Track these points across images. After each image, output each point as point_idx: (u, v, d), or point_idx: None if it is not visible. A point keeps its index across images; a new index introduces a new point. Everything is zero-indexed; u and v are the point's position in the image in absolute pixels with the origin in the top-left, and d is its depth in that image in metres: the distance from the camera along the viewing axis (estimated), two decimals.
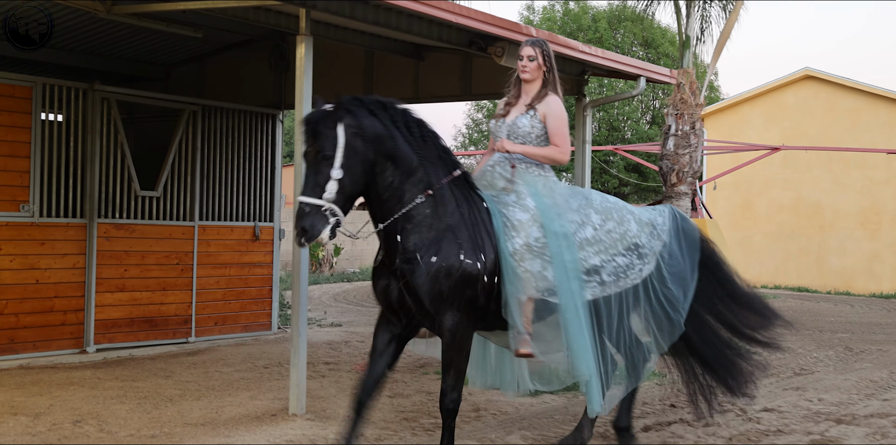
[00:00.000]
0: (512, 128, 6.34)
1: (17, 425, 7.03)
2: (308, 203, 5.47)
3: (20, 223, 9.83)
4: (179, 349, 11.17)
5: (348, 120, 5.59)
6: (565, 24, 38.49)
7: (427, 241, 5.77)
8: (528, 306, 5.95)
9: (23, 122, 9.85)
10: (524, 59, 6.41)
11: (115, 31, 11.63)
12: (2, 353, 9.68)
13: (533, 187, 6.23)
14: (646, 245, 6.53)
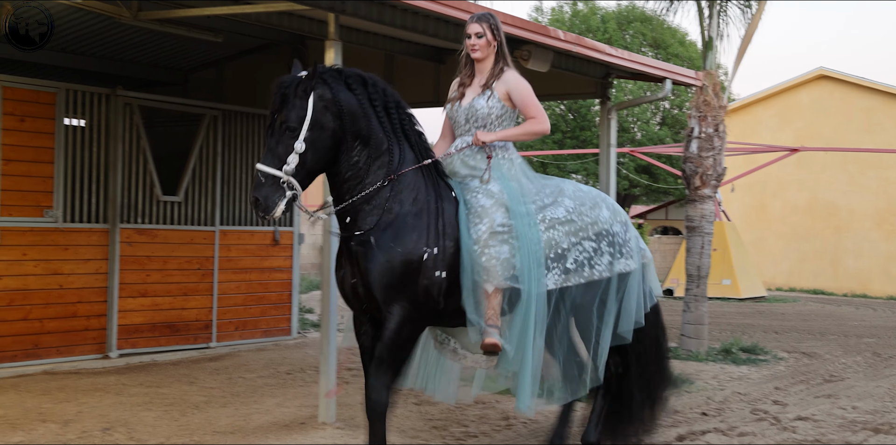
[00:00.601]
0: (470, 111, 5.94)
1: (47, 432, 7.00)
2: (265, 173, 5.21)
3: (44, 229, 9.80)
4: (201, 354, 11.13)
5: (322, 91, 5.31)
6: (574, 25, 38.39)
7: (383, 224, 5.47)
8: (495, 296, 5.57)
9: (47, 127, 9.82)
10: (472, 37, 5.94)
11: (136, 36, 11.59)
12: (26, 358, 9.65)
13: (498, 170, 5.88)
14: (619, 234, 6.11)
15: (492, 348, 5.55)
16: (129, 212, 10.62)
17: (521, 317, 5.62)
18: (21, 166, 9.63)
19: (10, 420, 7.36)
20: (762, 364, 11.59)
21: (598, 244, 5.98)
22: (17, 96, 9.58)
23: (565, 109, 36.77)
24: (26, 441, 6.75)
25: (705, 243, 12.09)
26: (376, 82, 5.57)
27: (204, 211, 11.45)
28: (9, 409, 7.74)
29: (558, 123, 36.98)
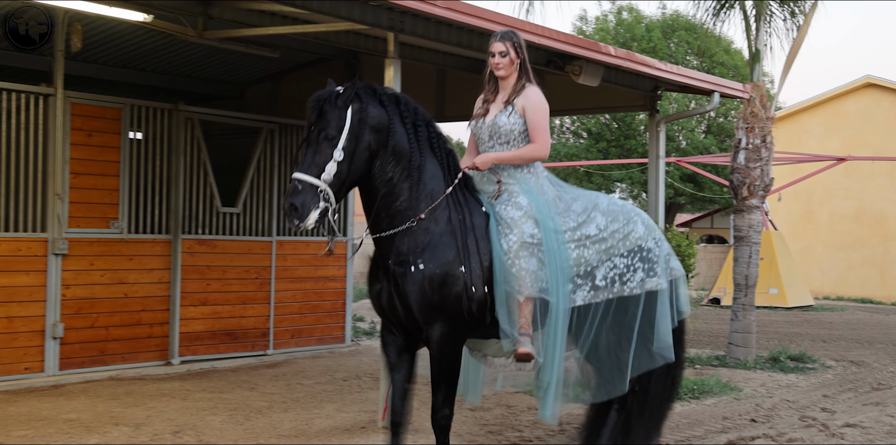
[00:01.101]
0: (493, 128, 5.97)
1: (121, 435, 7.31)
2: (303, 181, 5.29)
3: (110, 240, 10.16)
4: (258, 361, 11.44)
5: (357, 105, 5.44)
6: (619, 34, 38.49)
7: (422, 245, 5.55)
8: (526, 305, 5.66)
9: (113, 142, 10.19)
10: (496, 55, 6.02)
11: (196, 52, 11.97)
12: (93, 364, 10.00)
13: (525, 184, 5.95)
14: (653, 250, 6.11)
15: (525, 357, 5.65)
16: (190, 223, 10.96)
17: (551, 330, 5.74)
18: (88, 180, 9.99)
19: (84, 423, 7.69)
20: (810, 373, 11.70)
21: (630, 261, 6.02)
22: (84, 112, 9.96)
23: (610, 118, 36.85)
24: (102, 442, 7.07)
25: (753, 253, 12.22)
26: (408, 101, 5.72)
27: (261, 222, 11.78)
28: (81, 413, 8.08)
29: (603, 133, 37.09)
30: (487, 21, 7.92)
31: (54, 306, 9.67)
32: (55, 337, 9.66)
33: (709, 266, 30.12)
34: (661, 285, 6.10)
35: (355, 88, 5.47)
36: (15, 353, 9.39)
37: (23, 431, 7.36)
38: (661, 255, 6.18)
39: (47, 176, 9.68)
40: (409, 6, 7.40)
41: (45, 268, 9.63)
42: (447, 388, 5.68)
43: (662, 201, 11.07)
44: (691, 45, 37.87)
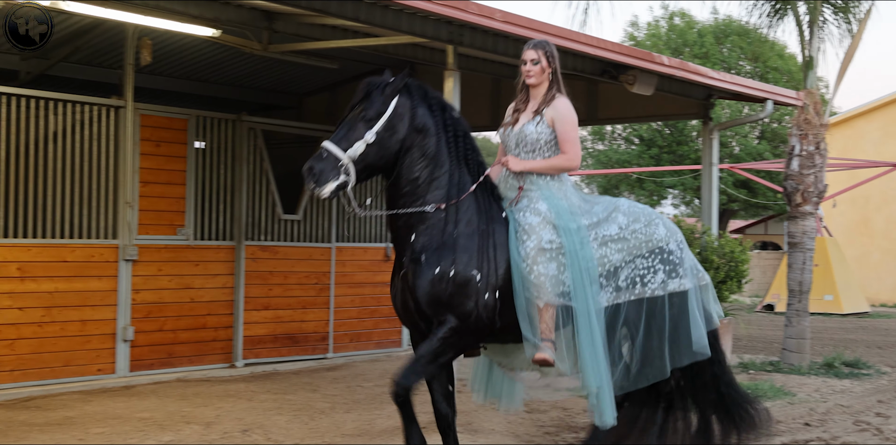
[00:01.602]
0: (520, 136, 6.05)
1: (193, 433, 7.62)
2: (329, 150, 5.41)
3: (177, 246, 10.52)
4: (319, 364, 11.73)
5: (405, 99, 5.57)
6: (671, 40, 38.49)
7: (436, 244, 5.67)
8: (547, 312, 5.72)
9: (179, 151, 10.55)
10: (527, 63, 6.09)
11: (257, 64, 12.33)
12: (161, 367, 10.35)
13: (547, 190, 6.01)
14: (675, 253, 6.17)
15: (543, 363, 5.71)
16: (253, 230, 11.29)
17: (588, 336, 5.76)
18: (157, 188, 10.36)
19: (157, 421, 8.02)
20: (865, 378, 11.75)
21: (651, 262, 6.08)
22: (153, 123, 10.33)
23: (662, 125, 36.84)
24: (175, 440, 7.38)
25: (807, 259, 12.30)
26: (453, 111, 5.85)
27: (321, 229, 12.08)
28: (154, 412, 8.41)
29: (655, 139, 37.09)
30: (543, 34, 8.15)
31: (125, 310, 10.03)
32: (126, 340, 10.01)
33: (762, 273, 30.01)
34: (685, 286, 6.15)
35: (405, 81, 5.60)
36: (88, 355, 9.76)
37: (100, 428, 7.70)
38: (683, 257, 6.23)
39: (118, 185, 10.05)
40: (468, 20, 7.66)
41: (116, 273, 9.99)
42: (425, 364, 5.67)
43: (716, 208, 11.22)
44: (744, 50, 37.75)
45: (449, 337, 5.66)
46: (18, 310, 9.25)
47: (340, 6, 7.41)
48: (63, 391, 9.30)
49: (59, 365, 9.56)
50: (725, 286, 9.84)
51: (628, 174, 36.82)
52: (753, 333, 16.43)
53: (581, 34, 8.49)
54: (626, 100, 11.41)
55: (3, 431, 7.56)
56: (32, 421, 7.92)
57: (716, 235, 10.26)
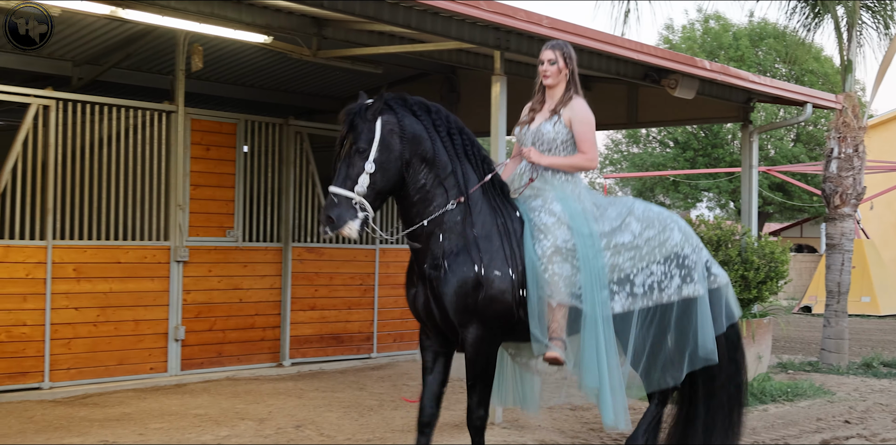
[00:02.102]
0: (536, 135, 6.10)
1: (248, 428, 7.86)
2: (338, 194, 5.40)
3: (226, 248, 10.77)
4: (363, 363, 11.95)
5: (388, 117, 5.54)
6: (706, 43, 38.48)
7: (456, 248, 5.66)
8: (559, 311, 5.75)
9: (228, 155, 10.80)
10: (545, 63, 6.15)
11: (301, 68, 12.58)
12: (211, 365, 10.60)
13: (560, 191, 6.04)
14: (690, 257, 6.18)
15: (553, 361, 5.75)
16: (299, 232, 11.53)
17: (592, 338, 5.79)
18: (207, 191, 10.61)
19: (212, 417, 8.26)
20: None
21: (667, 268, 6.09)
22: (203, 127, 10.59)
23: (697, 128, 36.84)
24: (232, 435, 7.62)
25: (845, 260, 12.40)
26: (440, 109, 5.82)
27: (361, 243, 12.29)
28: (208, 409, 8.66)
29: (690, 142, 37.09)
30: (588, 39, 8.33)
31: (176, 310, 10.29)
32: (177, 339, 10.27)
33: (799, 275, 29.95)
34: (698, 291, 6.16)
35: (384, 100, 5.58)
36: (141, 354, 10.02)
37: (158, 424, 7.95)
38: (698, 261, 6.23)
39: (169, 188, 10.31)
40: (515, 27, 7.84)
41: (167, 274, 10.25)
42: (482, 389, 5.86)
43: (756, 211, 11.35)
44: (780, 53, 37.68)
45: (483, 350, 5.76)
46: (74, 310, 9.52)
47: (392, 13, 7.61)
48: (117, 389, 9.57)
49: (114, 364, 9.82)
50: (766, 287, 9.96)
51: (663, 177, 36.82)
52: (792, 334, 16.51)
53: (625, 40, 8.67)
54: (667, 103, 11.56)
55: (66, 426, 7.83)
56: (92, 417, 8.19)
57: (756, 237, 10.39)
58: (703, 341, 6.15)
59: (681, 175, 35.77)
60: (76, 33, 10.57)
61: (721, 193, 36.98)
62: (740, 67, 35.16)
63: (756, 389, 9.74)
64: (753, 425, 8.54)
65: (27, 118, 9.26)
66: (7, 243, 9.07)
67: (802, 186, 26.70)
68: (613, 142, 41.97)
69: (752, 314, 10.13)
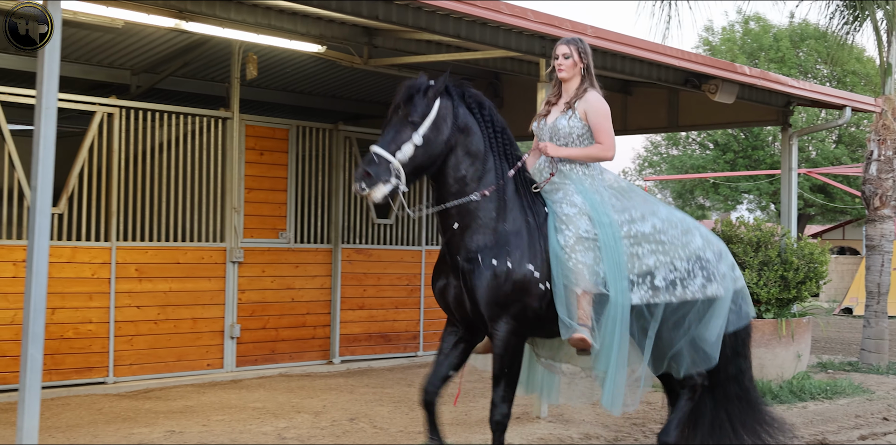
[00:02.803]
0: (553, 129, 6.20)
1: (304, 421, 8.23)
2: (380, 154, 5.45)
3: (279, 249, 11.16)
4: (410, 361, 12.30)
5: (446, 101, 5.67)
6: (745, 45, 38.49)
7: (490, 243, 5.75)
8: (584, 298, 5.81)
9: (281, 160, 11.20)
10: (559, 57, 6.23)
11: (349, 75, 12.95)
12: (265, 362, 11.00)
13: (580, 184, 6.12)
14: (711, 261, 6.35)
15: (580, 343, 5.79)
16: (348, 234, 11.91)
17: (612, 324, 5.89)
18: (260, 194, 11.01)
19: (270, 411, 8.64)
20: None
21: (689, 266, 6.22)
22: (257, 133, 10.98)
23: (737, 130, 36.83)
24: (290, 426, 7.99)
25: (885, 261, 12.58)
26: (491, 107, 5.95)
27: (412, 233, 12.65)
28: (265, 402, 9.04)
29: (730, 143, 37.11)
30: (632, 47, 8.63)
31: (232, 308, 10.69)
32: (232, 337, 10.67)
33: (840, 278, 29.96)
34: (719, 292, 6.34)
35: (445, 84, 5.72)
36: (199, 351, 10.43)
37: (220, 416, 8.34)
38: (719, 266, 6.42)
39: (225, 191, 10.72)
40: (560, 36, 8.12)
41: (223, 274, 10.66)
42: (507, 385, 5.91)
43: (795, 213, 11.58)
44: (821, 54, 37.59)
45: (511, 344, 5.82)
46: (136, 308, 9.95)
47: (443, 24, 7.95)
48: (177, 383, 9.98)
49: (173, 360, 10.23)
50: (805, 287, 10.18)
51: (703, 179, 36.89)
52: (832, 335, 16.68)
53: (667, 47, 8.96)
54: (707, 107, 11.82)
55: (133, 417, 8.24)
56: (157, 410, 8.59)
57: (795, 238, 10.62)
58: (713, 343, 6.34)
59: (721, 177, 35.80)
60: (135, 43, 11.01)
61: (762, 195, 36.97)
62: (781, 68, 35.18)
63: (795, 387, 9.98)
64: (793, 421, 8.77)
65: (93, 125, 9.70)
66: (75, 244, 9.50)
67: (844, 188, 26.73)
68: (653, 144, 42.03)
69: (791, 314, 10.35)
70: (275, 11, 8.44)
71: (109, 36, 10.57)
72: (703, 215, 42.51)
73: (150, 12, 8.21)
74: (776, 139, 35.79)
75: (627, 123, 12.86)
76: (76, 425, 7.87)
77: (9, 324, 9.03)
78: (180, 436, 7.55)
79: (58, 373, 9.30)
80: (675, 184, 40.72)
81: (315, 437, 7.63)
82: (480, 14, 7.62)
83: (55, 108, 5.84)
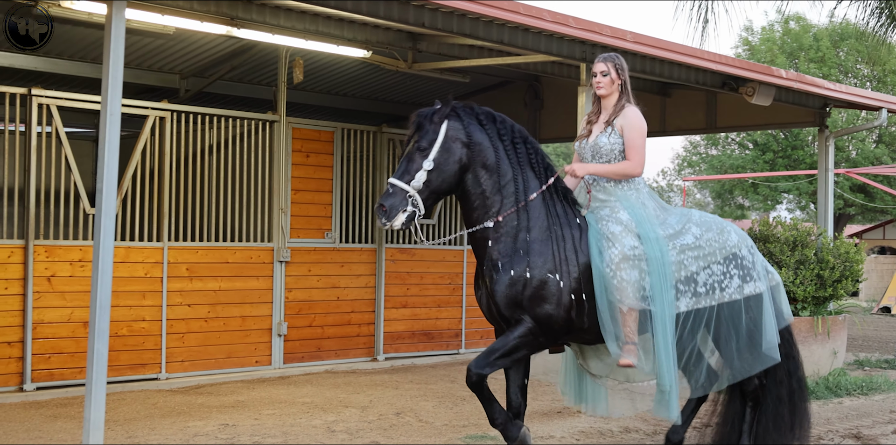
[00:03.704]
0: (595, 148, 6.29)
1: (352, 415, 8.50)
2: (395, 185, 5.73)
3: (324, 249, 11.45)
4: (452, 359, 12.55)
5: (453, 122, 5.86)
6: (785, 44, 38.36)
7: (510, 250, 5.92)
8: (630, 316, 5.96)
9: (327, 161, 11.49)
10: (597, 75, 6.31)
11: (392, 78, 13.22)
12: (311, 359, 11.29)
13: (626, 201, 6.23)
14: (747, 258, 6.48)
15: (627, 366, 6.01)
16: (392, 234, 12.17)
17: (663, 339, 6.03)
18: (307, 195, 11.30)
19: (318, 405, 8.93)
20: None
21: (726, 268, 6.36)
22: (303, 136, 11.28)
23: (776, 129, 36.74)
24: (338, 420, 8.27)
25: None
26: (505, 119, 6.06)
27: (454, 232, 12.90)
28: (313, 398, 9.32)
29: (769, 144, 37.04)
30: (671, 51, 8.83)
31: (279, 307, 10.99)
32: (280, 335, 10.96)
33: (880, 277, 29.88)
34: (760, 288, 6.47)
35: (451, 107, 5.92)
36: (248, 348, 10.74)
37: (271, 410, 8.64)
38: (755, 261, 6.54)
39: (272, 193, 11.02)
40: (601, 41, 8.38)
41: (271, 274, 10.96)
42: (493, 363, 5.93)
43: (832, 213, 11.72)
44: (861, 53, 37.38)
45: (524, 336, 5.93)
46: (187, 307, 10.27)
47: (487, 30, 8.19)
48: (226, 380, 10.29)
49: (223, 357, 10.55)
50: (841, 285, 10.33)
51: (742, 179, 36.85)
52: (869, 333, 16.75)
53: (704, 51, 9.16)
54: (744, 109, 11.98)
55: (187, 411, 8.55)
56: (209, 404, 8.90)
57: (831, 237, 10.78)
58: (766, 336, 6.45)
59: (760, 177, 35.74)
60: (185, 48, 11.34)
61: (801, 195, 36.87)
62: (821, 68, 35.07)
63: (831, 383, 10.13)
64: (828, 416, 8.96)
65: (145, 129, 10.02)
66: (128, 244, 9.83)
67: (884, 188, 26.67)
68: (692, 144, 42.00)
69: (827, 312, 10.50)
70: (322, 18, 8.72)
71: (160, 41, 10.92)
72: (743, 214, 42.44)
73: (203, 20, 8.52)
74: (815, 139, 35.68)
75: (666, 125, 13.04)
76: (133, 418, 8.19)
77: (66, 322, 9.38)
78: (234, 429, 7.84)
79: (113, 369, 9.58)
80: (714, 184, 40.68)
81: (363, 430, 7.90)
82: (523, 21, 7.86)
83: (119, 114, 6.15)
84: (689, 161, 42.49)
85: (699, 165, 41.57)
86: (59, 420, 8.11)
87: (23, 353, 9.14)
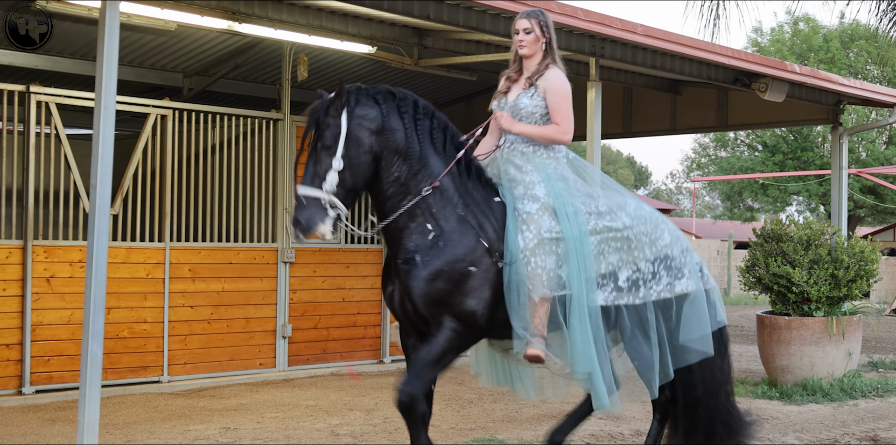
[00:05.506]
0: (514, 109, 5.74)
1: (357, 418, 8.32)
2: (306, 195, 5.17)
3: (330, 250, 11.27)
4: (459, 361, 12.30)
5: (354, 110, 5.26)
6: (795, 45, 38.17)
7: (428, 242, 5.33)
8: (541, 306, 5.41)
9: None
10: (520, 32, 5.76)
11: (399, 76, 13.04)
12: (316, 361, 11.11)
13: (543, 171, 5.70)
14: (677, 259, 5.90)
15: (535, 359, 5.41)
16: None
17: (579, 324, 5.49)
18: None
19: (323, 408, 8.74)
20: None
21: (655, 268, 5.82)
22: None
23: (786, 131, 36.55)
24: (343, 423, 8.08)
25: None
26: (405, 95, 5.51)
27: None
28: (318, 401, 9.14)
29: (779, 145, 36.84)
30: (683, 45, 8.64)
31: (284, 308, 10.81)
32: (284, 336, 10.79)
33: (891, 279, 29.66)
34: (690, 287, 5.95)
35: (345, 93, 5.29)
36: (251, 350, 10.56)
37: (274, 414, 8.46)
38: (687, 263, 5.99)
39: (277, 192, 10.85)
40: (611, 34, 8.19)
41: (275, 274, 10.78)
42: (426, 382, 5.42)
43: (846, 212, 11.51)
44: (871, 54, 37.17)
45: (451, 339, 5.35)
46: (190, 308, 10.10)
47: (494, 23, 8.02)
48: (230, 383, 10.11)
49: (226, 359, 10.37)
50: (855, 285, 10.12)
51: (752, 181, 36.64)
52: (882, 335, 16.56)
53: (717, 45, 8.97)
54: (756, 107, 11.79)
55: (188, 415, 8.38)
56: (212, 407, 8.73)
57: (846, 236, 10.56)
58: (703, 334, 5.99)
59: (769, 178, 35.53)
60: (187, 46, 11.19)
61: (811, 196, 36.64)
62: (830, 69, 34.87)
63: (846, 385, 9.93)
64: (844, 418, 8.75)
65: (146, 127, 9.85)
66: (129, 244, 9.67)
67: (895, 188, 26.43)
68: (701, 146, 41.84)
69: (841, 312, 10.29)
70: (326, 12, 8.55)
71: (162, 39, 10.76)
72: (752, 216, 42.24)
73: (203, 14, 8.35)
74: (825, 141, 35.47)
75: (677, 123, 12.84)
76: (133, 422, 8.02)
77: (65, 323, 9.21)
78: (235, 433, 7.66)
79: (113, 372, 9.45)
80: (723, 185, 40.49)
81: (368, 434, 7.72)
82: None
83: (113, 108, 5.97)
84: (699, 163, 42.30)
85: (708, 167, 41.35)
86: (57, 423, 7.95)
87: (21, 355, 8.97)
